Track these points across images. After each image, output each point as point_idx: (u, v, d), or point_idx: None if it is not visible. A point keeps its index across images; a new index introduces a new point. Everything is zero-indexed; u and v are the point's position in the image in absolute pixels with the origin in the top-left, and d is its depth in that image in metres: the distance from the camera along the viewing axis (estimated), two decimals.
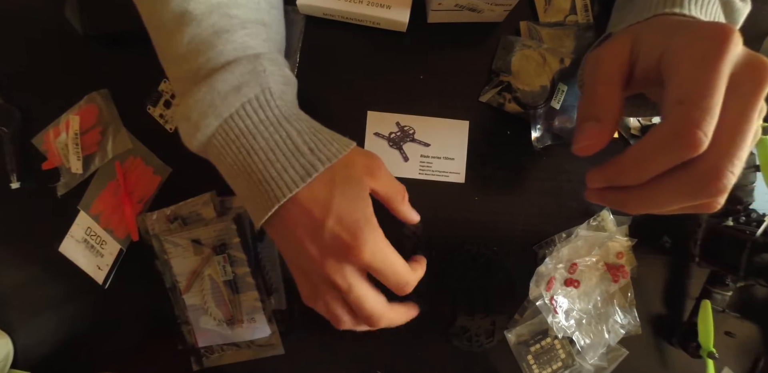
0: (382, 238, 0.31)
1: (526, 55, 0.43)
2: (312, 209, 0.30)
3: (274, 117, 0.31)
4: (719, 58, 0.22)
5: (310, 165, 0.30)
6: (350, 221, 0.30)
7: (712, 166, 0.22)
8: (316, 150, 0.30)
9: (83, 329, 0.48)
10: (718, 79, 0.22)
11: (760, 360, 0.47)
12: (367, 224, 0.30)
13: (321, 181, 0.30)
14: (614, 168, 0.25)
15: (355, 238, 0.29)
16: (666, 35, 0.26)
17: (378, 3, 0.40)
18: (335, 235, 0.29)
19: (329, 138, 0.32)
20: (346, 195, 0.30)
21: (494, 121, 0.45)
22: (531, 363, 0.46)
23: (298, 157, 0.30)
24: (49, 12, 0.44)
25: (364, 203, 0.31)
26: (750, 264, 0.39)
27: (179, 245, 0.44)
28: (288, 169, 0.30)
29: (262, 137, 0.30)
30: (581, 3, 0.44)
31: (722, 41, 0.22)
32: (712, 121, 0.22)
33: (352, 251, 0.29)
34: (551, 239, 0.45)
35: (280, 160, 0.30)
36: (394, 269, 0.31)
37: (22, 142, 0.47)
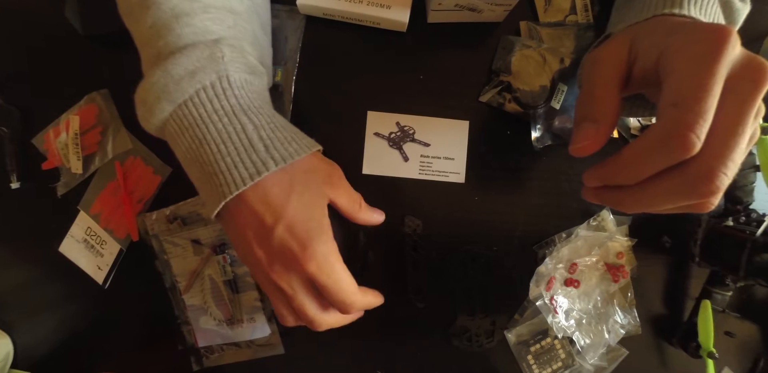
0: (333, 251, 0.30)
1: (526, 55, 0.43)
2: (263, 213, 0.28)
3: (229, 107, 0.29)
4: (715, 60, 0.22)
5: (261, 163, 0.28)
6: (302, 230, 0.28)
7: (706, 167, 0.22)
8: (272, 148, 0.28)
9: (83, 329, 0.48)
10: (713, 81, 0.22)
11: (760, 360, 0.47)
12: (319, 235, 0.29)
13: (277, 184, 0.29)
14: (610, 168, 0.26)
15: (303, 248, 0.28)
16: (664, 36, 0.26)
17: (378, 3, 0.40)
18: (284, 243, 0.28)
19: (290, 137, 0.30)
20: (302, 202, 0.29)
21: (494, 121, 0.45)
22: (531, 363, 0.46)
23: (250, 154, 0.28)
24: (49, 12, 0.44)
25: (320, 212, 0.30)
26: (750, 264, 0.39)
27: (179, 245, 0.44)
28: (238, 165, 0.28)
29: (215, 128, 0.28)
30: (581, 3, 0.44)
31: (719, 43, 0.23)
32: (705, 125, 0.22)
33: (298, 262, 0.28)
34: (551, 239, 0.45)
35: (231, 154, 0.28)
36: (339, 287, 0.30)
37: (22, 142, 0.47)
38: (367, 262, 0.44)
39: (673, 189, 0.24)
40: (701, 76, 0.22)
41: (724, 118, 0.22)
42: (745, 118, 0.23)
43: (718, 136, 0.22)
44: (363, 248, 0.43)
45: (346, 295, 0.31)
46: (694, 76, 0.22)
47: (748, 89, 0.23)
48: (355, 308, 0.32)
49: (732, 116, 0.23)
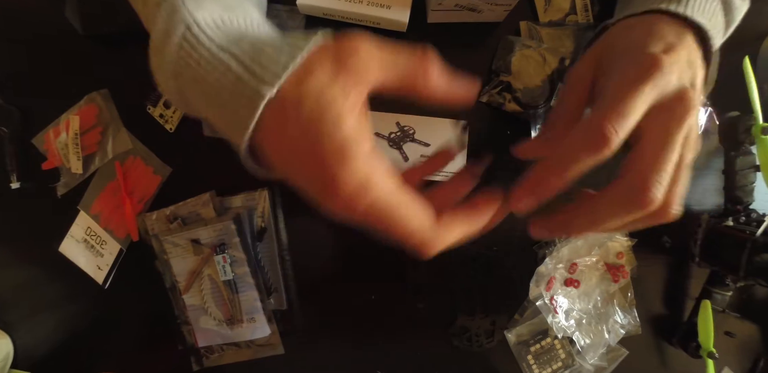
0: (374, 169, 0.22)
1: (526, 55, 0.43)
2: (271, 154, 0.23)
3: (207, 52, 0.24)
4: (641, 83, 0.24)
5: (255, 93, 0.22)
6: (317, 152, 0.22)
7: (640, 177, 0.24)
8: (259, 72, 0.23)
9: (83, 329, 0.48)
10: (635, 96, 0.24)
11: (760, 360, 0.47)
12: (339, 156, 0.21)
13: (272, 116, 0.22)
14: (542, 169, 0.26)
15: (326, 176, 0.21)
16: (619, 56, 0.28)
17: (378, 3, 0.40)
18: (305, 173, 0.23)
19: (276, 51, 0.23)
20: (300, 121, 0.22)
21: (494, 121, 0.44)
22: (531, 363, 0.46)
23: (242, 89, 0.23)
24: (49, 12, 0.44)
25: (330, 125, 0.21)
26: (750, 264, 0.39)
27: (179, 245, 0.44)
28: (239, 110, 0.23)
29: (206, 82, 0.24)
30: (581, 3, 0.44)
31: (650, 69, 0.25)
32: (624, 122, 0.24)
33: (329, 194, 0.22)
34: (551, 239, 0.45)
35: (228, 100, 0.24)
36: (388, 224, 0.23)
37: (22, 142, 0.47)
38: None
39: (614, 202, 0.25)
40: (625, 92, 0.25)
41: (655, 136, 0.25)
42: (672, 135, 0.25)
43: (649, 150, 0.25)
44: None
45: (406, 234, 0.23)
46: (619, 92, 0.25)
47: (678, 113, 0.25)
48: (428, 249, 0.24)
49: (661, 133, 0.25)
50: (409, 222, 0.23)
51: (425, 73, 0.24)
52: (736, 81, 0.41)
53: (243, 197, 0.44)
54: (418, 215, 0.23)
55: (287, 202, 0.44)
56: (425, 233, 0.23)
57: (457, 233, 0.25)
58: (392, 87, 0.24)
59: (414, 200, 0.23)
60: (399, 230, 0.23)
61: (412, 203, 0.23)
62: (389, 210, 0.22)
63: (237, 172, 0.44)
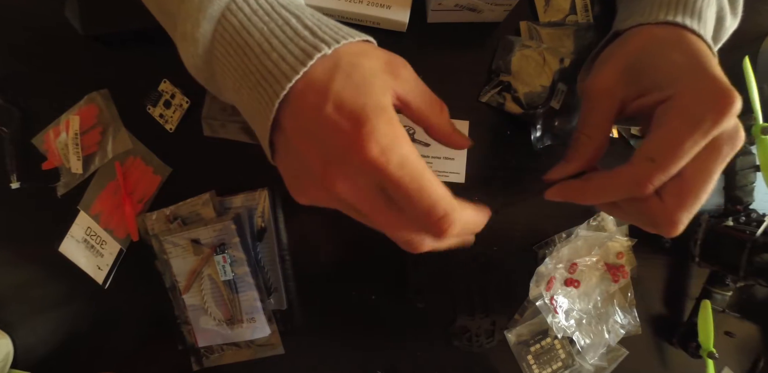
0: (403, 137, 0.23)
1: (525, 55, 0.43)
2: (307, 99, 0.23)
3: (268, 5, 0.25)
4: (708, 132, 0.24)
5: (311, 46, 0.23)
6: (354, 107, 0.22)
7: (670, 214, 0.26)
8: (320, 32, 0.24)
9: (83, 329, 0.48)
10: (695, 148, 0.24)
11: (760, 360, 0.47)
12: (380, 112, 0.22)
13: (321, 69, 0.23)
14: (575, 192, 0.30)
15: (357, 125, 0.22)
16: (669, 76, 0.27)
17: (378, 3, 0.40)
18: (333, 123, 0.22)
19: (338, 25, 0.26)
20: (352, 79, 0.23)
21: (494, 121, 0.45)
22: (531, 363, 0.46)
23: (297, 41, 0.24)
24: (49, 12, 0.44)
25: (379, 92, 0.23)
26: (750, 264, 0.39)
27: (179, 244, 0.44)
28: (286, 57, 0.23)
29: (256, 28, 0.24)
30: (581, 3, 0.44)
31: (720, 114, 0.24)
32: (666, 179, 0.25)
33: (355, 147, 0.22)
34: (551, 239, 0.45)
35: (277, 48, 0.24)
36: (420, 185, 0.22)
37: (22, 142, 0.47)
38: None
39: (637, 219, 0.29)
40: (687, 141, 0.24)
41: (696, 171, 0.25)
42: (715, 173, 0.26)
43: (685, 187, 0.26)
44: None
45: (435, 200, 0.22)
46: (681, 139, 0.25)
47: (726, 152, 0.25)
48: (452, 223, 0.23)
49: (705, 170, 0.25)
50: (436, 188, 0.22)
51: (440, 115, 0.28)
52: (736, 81, 0.41)
53: (243, 197, 0.44)
54: (441, 184, 0.23)
55: (287, 202, 0.44)
56: (451, 202, 0.23)
57: (471, 215, 0.25)
58: (408, 111, 0.27)
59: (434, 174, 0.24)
60: (427, 195, 0.22)
61: (435, 174, 0.23)
62: (421, 169, 0.22)
63: (237, 172, 0.44)
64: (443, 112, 0.28)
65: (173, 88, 0.44)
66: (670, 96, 0.26)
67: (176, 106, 0.44)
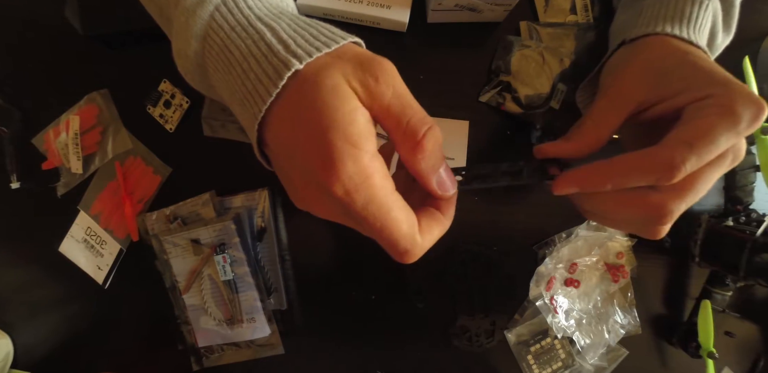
0: (370, 171, 0.22)
1: (525, 55, 0.43)
2: (282, 123, 0.23)
3: (244, 19, 0.25)
4: (742, 131, 0.25)
5: (282, 64, 0.22)
6: (320, 137, 0.21)
7: (665, 204, 0.26)
8: (293, 45, 0.23)
9: (83, 329, 0.48)
10: (727, 144, 0.25)
11: (760, 360, 0.47)
12: (343, 144, 0.21)
13: (293, 89, 0.23)
14: (597, 173, 0.27)
15: (323, 162, 0.21)
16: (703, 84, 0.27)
17: (378, 3, 0.40)
18: (304, 154, 0.22)
19: (316, 32, 0.24)
20: (315, 103, 0.22)
21: (494, 121, 0.45)
22: (531, 363, 0.46)
23: (270, 58, 0.23)
24: (49, 12, 0.44)
25: (342, 112, 0.21)
26: (750, 264, 0.39)
27: (179, 244, 0.44)
28: (261, 77, 0.23)
29: (235, 46, 0.24)
30: (581, 3, 0.44)
31: (757, 115, 0.25)
32: (701, 162, 0.25)
33: (321, 182, 0.22)
34: (551, 239, 0.45)
35: (254, 68, 0.23)
36: (382, 224, 0.22)
37: (22, 142, 0.47)
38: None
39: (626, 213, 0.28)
40: (725, 134, 0.25)
41: (699, 171, 0.26)
42: (713, 179, 0.26)
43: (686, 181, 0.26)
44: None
45: (396, 238, 0.23)
46: (720, 130, 0.25)
47: (730, 162, 0.26)
48: (414, 256, 0.24)
49: (707, 173, 0.26)
50: (400, 226, 0.23)
51: (412, 149, 0.23)
52: None
53: (243, 197, 0.44)
54: (409, 219, 0.23)
55: (287, 202, 0.44)
56: (412, 239, 0.23)
57: (435, 237, 0.25)
58: (386, 129, 0.23)
59: (405, 203, 0.23)
60: (389, 233, 0.22)
61: (404, 209, 0.23)
62: (387, 209, 0.22)
63: (237, 172, 0.44)
64: (419, 148, 0.23)
65: (173, 88, 0.44)
66: (709, 95, 0.26)
67: (176, 106, 0.44)
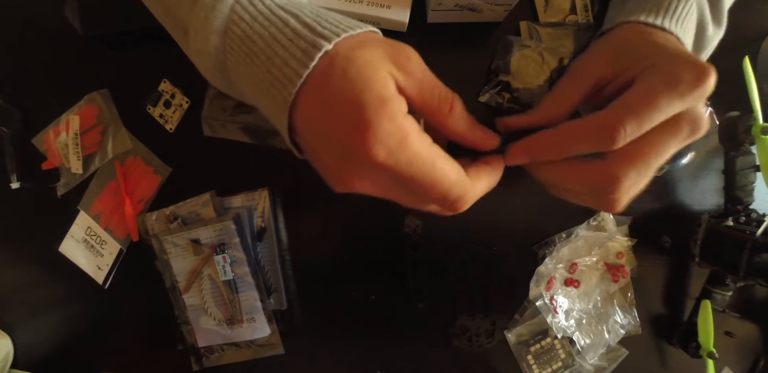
0: (410, 128, 0.22)
1: (525, 55, 0.43)
2: (312, 102, 0.24)
3: (266, 8, 0.25)
4: (684, 94, 0.24)
5: (311, 45, 0.23)
6: (353, 106, 0.22)
7: (614, 171, 0.25)
8: (319, 28, 0.24)
9: (83, 329, 0.48)
10: (669, 108, 0.24)
11: (760, 360, 0.47)
12: (381, 108, 0.22)
13: (322, 68, 0.23)
14: (542, 142, 0.27)
15: (360, 130, 0.22)
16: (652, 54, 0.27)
17: (378, 3, 0.40)
18: (338, 127, 0.23)
19: (339, 17, 0.26)
20: (347, 75, 0.22)
21: (494, 121, 0.44)
22: (531, 363, 0.46)
23: (297, 42, 0.24)
24: (49, 12, 0.44)
25: (376, 82, 0.22)
26: (750, 264, 0.39)
27: (179, 244, 0.44)
28: (289, 61, 0.24)
29: (258, 35, 0.25)
30: (581, 3, 0.44)
31: (698, 79, 0.24)
32: (640, 129, 0.24)
33: (362, 152, 0.22)
34: (551, 239, 0.45)
35: (280, 53, 0.24)
36: (432, 178, 0.23)
37: (22, 142, 0.47)
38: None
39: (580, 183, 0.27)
40: (665, 96, 0.24)
41: (650, 140, 0.25)
42: (667, 149, 0.25)
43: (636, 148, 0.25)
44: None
45: (448, 187, 0.23)
46: (659, 93, 0.24)
47: (686, 133, 0.25)
48: (467, 201, 0.25)
49: (658, 142, 0.25)
50: (449, 174, 0.23)
51: (448, 114, 0.25)
52: (736, 81, 0.41)
53: (243, 197, 0.44)
54: (455, 167, 0.24)
55: (287, 202, 0.44)
56: (463, 185, 0.24)
57: (485, 185, 0.26)
58: (414, 107, 0.25)
59: (446, 155, 0.24)
60: (440, 182, 0.23)
61: (447, 158, 0.24)
62: (431, 161, 0.23)
63: (237, 172, 0.44)
64: (453, 110, 0.25)
65: (173, 88, 0.44)
66: (654, 64, 0.26)
67: (176, 106, 0.44)
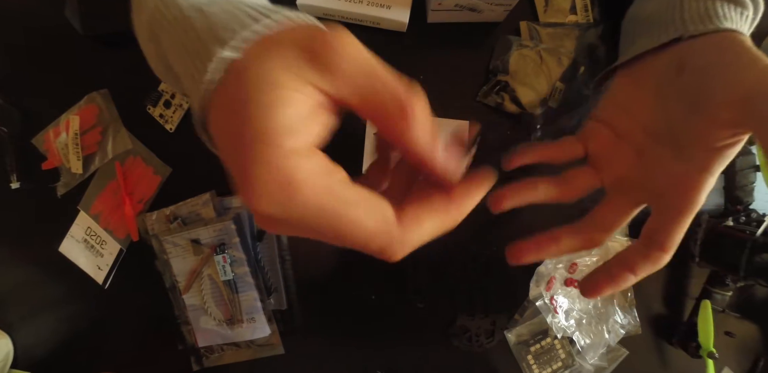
0: (300, 169, 0.17)
1: (523, 55, 0.43)
2: (211, 129, 0.19)
3: (179, 12, 0.21)
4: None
5: (208, 53, 0.19)
6: (235, 141, 0.17)
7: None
8: (221, 33, 0.19)
9: (83, 329, 0.48)
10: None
11: (760, 360, 0.47)
12: (260, 144, 0.16)
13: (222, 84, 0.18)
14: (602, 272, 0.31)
15: (239, 174, 0.17)
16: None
17: (378, 3, 0.40)
18: (227, 160, 0.18)
19: (249, 16, 0.19)
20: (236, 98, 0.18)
21: (494, 121, 0.44)
22: (531, 363, 0.46)
23: (199, 49, 0.19)
24: (49, 12, 0.44)
25: (260, 110, 0.17)
26: (750, 264, 0.39)
27: (179, 244, 0.44)
28: (194, 73, 0.20)
29: (177, 43, 0.21)
30: (581, 3, 0.44)
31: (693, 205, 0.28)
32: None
33: (245, 203, 0.17)
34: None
35: (189, 63, 0.20)
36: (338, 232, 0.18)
37: (22, 142, 0.47)
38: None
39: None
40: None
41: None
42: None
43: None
44: None
45: (362, 241, 0.18)
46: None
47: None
48: (397, 252, 0.19)
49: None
50: (364, 223, 0.18)
51: (403, 111, 0.18)
52: None
53: None
54: (372, 214, 0.18)
55: None
56: (387, 236, 0.18)
57: (427, 231, 0.20)
58: (361, 111, 0.19)
59: (365, 196, 0.18)
60: (351, 236, 0.18)
61: (364, 201, 0.18)
62: (335, 210, 0.17)
63: None
64: (408, 115, 0.18)
65: (173, 89, 0.44)
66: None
67: (176, 106, 0.44)
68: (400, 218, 0.19)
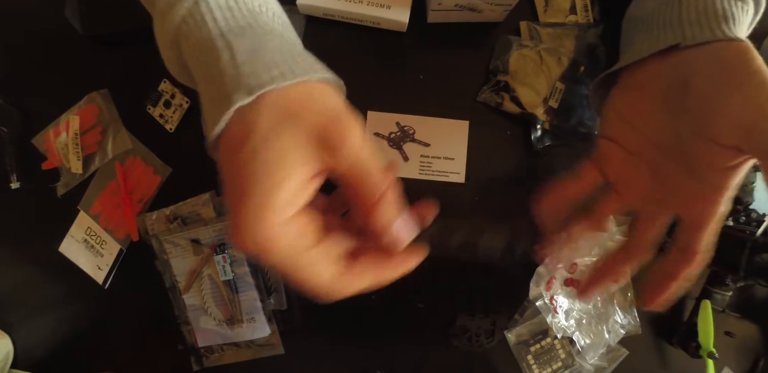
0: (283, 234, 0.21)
1: (523, 55, 0.43)
2: (222, 169, 0.22)
3: (209, 34, 0.22)
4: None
5: (225, 99, 0.21)
6: (241, 187, 0.20)
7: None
8: (243, 76, 0.21)
9: (83, 329, 0.48)
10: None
11: (760, 360, 0.47)
12: (261, 205, 0.20)
13: (234, 124, 0.21)
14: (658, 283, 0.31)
15: (234, 212, 0.20)
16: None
17: (378, 3, 0.40)
18: (228, 191, 0.22)
19: (277, 60, 0.22)
20: (254, 158, 0.20)
21: (494, 120, 0.44)
22: (531, 363, 0.46)
23: (219, 88, 0.21)
24: (49, 12, 0.44)
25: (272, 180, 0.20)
26: (750, 264, 0.39)
27: (179, 244, 0.44)
28: (210, 111, 0.22)
29: (200, 61, 0.23)
30: (581, 3, 0.44)
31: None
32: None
33: (231, 235, 0.21)
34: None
35: (213, 87, 0.22)
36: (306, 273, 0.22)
37: (22, 142, 0.47)
38: None
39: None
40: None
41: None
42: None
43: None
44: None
45: (313, 290, 0.23)
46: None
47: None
48: (338, 297, 0.24)
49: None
50: (314, 280, 0.22)
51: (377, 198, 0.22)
52: None
53: None
54: (323, 272, 0.23)
55: None
56: (332, 287, 0.23)
57: (366, 283, 0.24)
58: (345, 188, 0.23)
59: (321, 257, 0.23)
60: (305, 285, 0.22)
61: (319, 262, 0.22)
62: (293, 269, 0.22)
63: None
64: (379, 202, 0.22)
65: (173, 88, 0.44)
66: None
67: (176, 106, 0.44)
68: (351, 266, 0.24)
